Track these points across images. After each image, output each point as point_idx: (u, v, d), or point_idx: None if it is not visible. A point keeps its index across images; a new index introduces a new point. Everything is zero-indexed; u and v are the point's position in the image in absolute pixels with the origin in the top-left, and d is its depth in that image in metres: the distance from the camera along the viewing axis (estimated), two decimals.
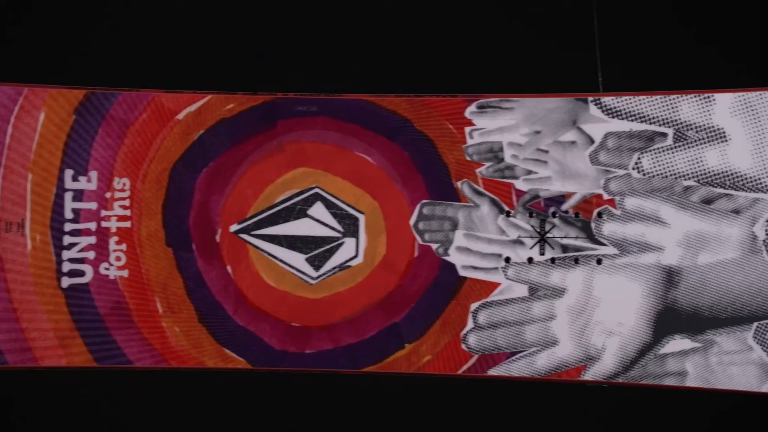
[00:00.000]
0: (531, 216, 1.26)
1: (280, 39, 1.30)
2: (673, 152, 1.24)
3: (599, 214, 1.25)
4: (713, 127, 1.23)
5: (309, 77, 1.29)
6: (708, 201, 1.23)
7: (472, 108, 1.28)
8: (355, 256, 1.28)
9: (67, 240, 1.27)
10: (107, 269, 1.27)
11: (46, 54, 1.28)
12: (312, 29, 1.31)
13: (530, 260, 1.26)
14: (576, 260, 1.26)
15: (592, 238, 1.26)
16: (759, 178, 1.22)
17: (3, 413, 1.27)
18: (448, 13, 1.31)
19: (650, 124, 1.24)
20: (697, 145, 1.23)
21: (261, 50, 1.30)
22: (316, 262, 1.28)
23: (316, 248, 1.28)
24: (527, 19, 1.31)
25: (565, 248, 1.26)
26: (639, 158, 1.24)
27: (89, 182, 1.27)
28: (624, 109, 1.25)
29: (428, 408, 1.29)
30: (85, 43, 1.29)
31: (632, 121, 1.25)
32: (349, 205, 1.28)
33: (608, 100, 1.25)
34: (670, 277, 1.23)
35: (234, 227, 1.28)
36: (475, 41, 1.30)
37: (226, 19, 1.31)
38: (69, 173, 1.27)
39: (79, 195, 1.27)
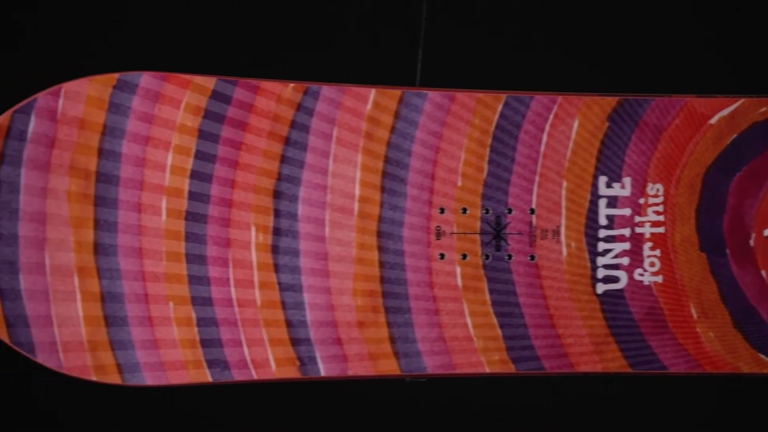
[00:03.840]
0: None
1: None
2: None
3: None
4: None
5: None
6: None
7: None
8: None
9: (601, 246, 1.28)
10: (641, 275, 1.28)
11: (581, 61, 1.29)
12: None
13: None
14: None
15: None
16: None
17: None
18: None
19: None
20: None
21: None
22: None
23: None
24: None
25: None
26: None
27: (623, 188, 1.28)
28: None
29: None
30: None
31: None
32: None
33: None
34: None
35: None
36: None
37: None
38: (603, 180, 1.28)
39: (612, 201, 1.28)
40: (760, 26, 1.30)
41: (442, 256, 1.26)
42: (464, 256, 1.27)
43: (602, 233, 1.28)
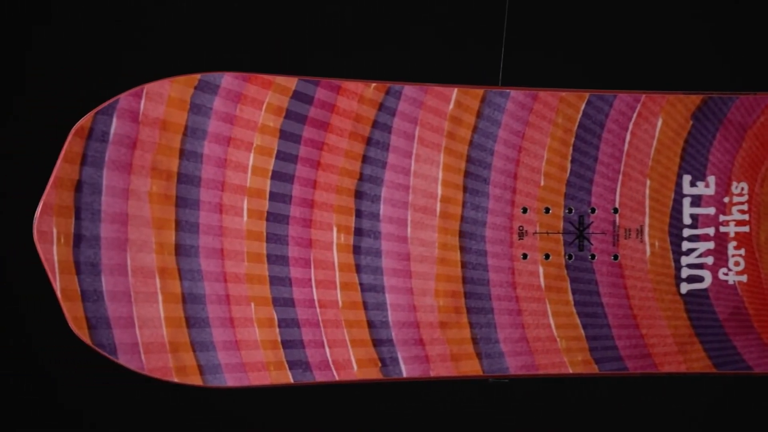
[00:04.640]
0: None
1: None
2: None
3: None
4: None
5: None
6: None
7: None
8: None
9: (685, 246, 1.27)
10: (726, 274, 1.27)
11: (664, 59, 1.28)
12: None
13: None
14: None
15: None
16: None
17: None
18: None
19: None
20: None
21: None
22: None
23: None
24: None
25: None
26: None
27: (707, 187, 1.27)
28: None
29: None
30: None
31: None
32: None
33: None
34: None
35: None
36: None
37: None
38: (687, 179, 1.27)
39: (696, 200, 1.27)
40: None
41: (524, 256, 1.26)
42: (547, 256, 1.26)
43: (686, 232, 1.27)
